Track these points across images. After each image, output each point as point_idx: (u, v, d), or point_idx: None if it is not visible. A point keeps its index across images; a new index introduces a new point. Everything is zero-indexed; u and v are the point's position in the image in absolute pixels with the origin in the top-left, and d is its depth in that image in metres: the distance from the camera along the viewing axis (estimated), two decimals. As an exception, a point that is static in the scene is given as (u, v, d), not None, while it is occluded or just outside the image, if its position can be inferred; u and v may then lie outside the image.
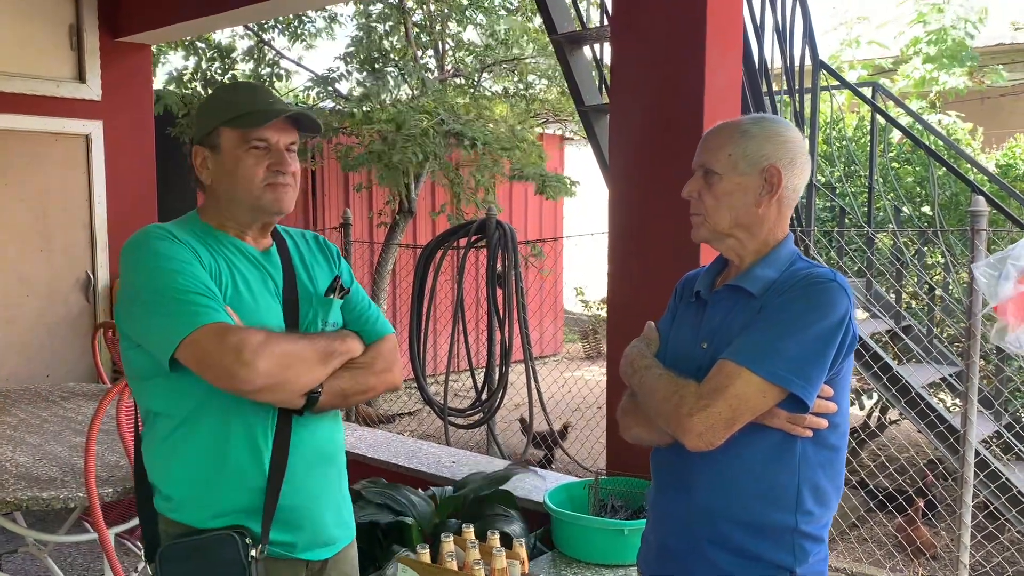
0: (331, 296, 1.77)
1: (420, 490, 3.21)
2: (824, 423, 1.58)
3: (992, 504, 3.86)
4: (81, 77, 5.27)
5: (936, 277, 5.24)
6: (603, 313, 10.78)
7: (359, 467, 3.66)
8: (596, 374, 8.51)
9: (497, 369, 4.63)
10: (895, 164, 6.02)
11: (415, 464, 3.64)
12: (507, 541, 2.44)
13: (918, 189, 5.89)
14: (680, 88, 2.82)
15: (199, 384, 1.56)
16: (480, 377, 4.77)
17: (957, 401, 4.80)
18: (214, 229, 1.71)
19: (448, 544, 2.18)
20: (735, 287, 1.65)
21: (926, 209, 5.77)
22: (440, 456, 3.76)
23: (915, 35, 8.36)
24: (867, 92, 5.14)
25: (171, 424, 1.63)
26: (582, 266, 10.62)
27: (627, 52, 3.01)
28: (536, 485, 3.32)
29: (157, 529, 1.68)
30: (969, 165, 5.47)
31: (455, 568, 2.12)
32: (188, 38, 6.90)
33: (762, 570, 1.60)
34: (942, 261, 5.04)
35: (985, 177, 5.21)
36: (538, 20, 6.98)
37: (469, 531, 2.26)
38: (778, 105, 4.31)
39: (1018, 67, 8.99)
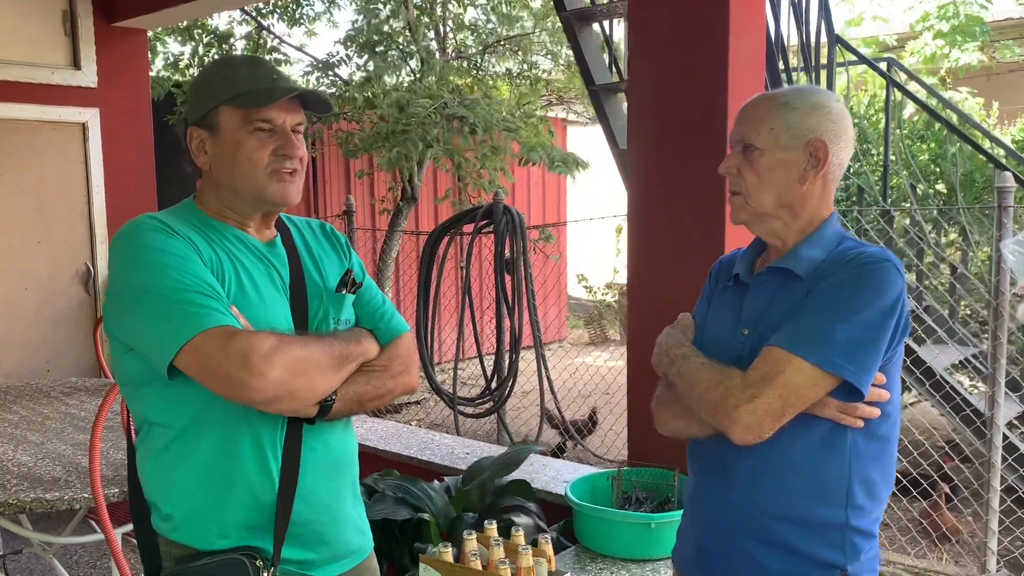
0: (343, 291, 1.62)
1: (435, 482, 3.13)
2: (877, 412, 1.50)
3: (1020, 488, 3.77)
4: (76, 64, 5.14)
5: (953, 256, 5.14)
6: (607, 298, 10.68)
7: (372, 459, 3.57)
8: (603, 360, 8.42)
9: (507, 356, 4.53)
10: (908, 141, 5.90)
11: (428, 456, 3.55)
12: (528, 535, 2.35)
13: (932, 167, 5.78)
14: (703, 62, 2.70)
15: (201, 390, 1.42)
16: (489, 365, 4.68)
17: (977, 383, 4.72)
18: (213, 219, 1.55)
19: (471, 542, 2.08)
20: (779, 269, 1.56)
21: (940, 187, 5.67)
22: (453, 447, 3.67)
23: (925, 10, 8.23)
24: (882, 68, 5.02)
25: (170, 435, 1.48)
26: (585, 250, 10.50)
27: (646, 25, 2.89)
28: (554, 476, 3.24)
29: (157, 551, 1.54)
30: (990, 142, 5.35)
31: (479, 567, 2.02)
32: (185, 23, 6.76)
33: (810, 568, 1.52)
34: (959, 240, 4.94)
35: (1004, 152, 5.09)
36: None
37: (492, 528, 2.17)
38: (794, 81, 4.20)
39: (1026, 42, 8.87)
